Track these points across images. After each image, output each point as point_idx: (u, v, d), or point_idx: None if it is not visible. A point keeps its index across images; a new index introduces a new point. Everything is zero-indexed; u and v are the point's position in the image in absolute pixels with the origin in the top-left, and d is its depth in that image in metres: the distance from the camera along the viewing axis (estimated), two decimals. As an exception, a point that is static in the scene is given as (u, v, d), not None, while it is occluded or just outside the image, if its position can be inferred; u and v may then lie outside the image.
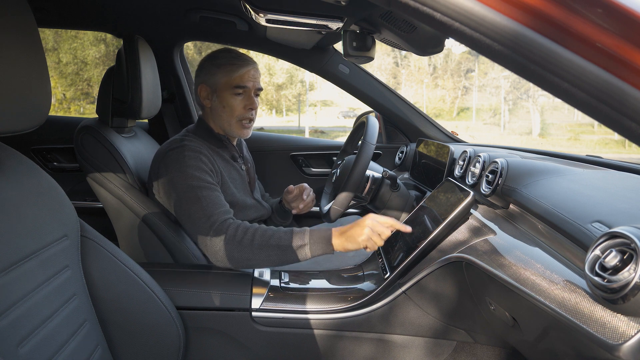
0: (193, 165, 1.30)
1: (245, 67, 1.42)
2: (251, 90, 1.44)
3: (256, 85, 1.45)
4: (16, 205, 0.77)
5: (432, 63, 28.76)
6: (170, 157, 1.33)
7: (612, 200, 0.83)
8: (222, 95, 1.43)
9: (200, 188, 1.26)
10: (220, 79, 1.42)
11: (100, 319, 0.94)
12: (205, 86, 1.44)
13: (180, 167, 1.29)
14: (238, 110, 1.43)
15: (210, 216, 1.22)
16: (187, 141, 1.36)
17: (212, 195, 1.27)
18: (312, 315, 1.17)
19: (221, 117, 1.44)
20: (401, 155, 2.04)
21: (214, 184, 1.31)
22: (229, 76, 1.41)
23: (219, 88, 1.42)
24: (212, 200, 1.25)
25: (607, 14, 0.46)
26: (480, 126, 25.58)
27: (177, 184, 1.28)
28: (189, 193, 1.26)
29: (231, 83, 1.41)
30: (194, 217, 1.23)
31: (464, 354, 1.21)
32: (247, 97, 1.44)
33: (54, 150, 2.19)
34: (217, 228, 1.19)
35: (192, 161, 1.30)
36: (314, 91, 26.62)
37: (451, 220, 1.13)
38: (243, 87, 1.42)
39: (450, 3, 0.49)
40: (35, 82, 0.74)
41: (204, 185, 1.27)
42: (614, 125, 0.47)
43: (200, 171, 1.30)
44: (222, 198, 1.30)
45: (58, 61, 18.02)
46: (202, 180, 1.28)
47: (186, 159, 1.31)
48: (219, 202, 1.27)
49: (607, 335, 0.60)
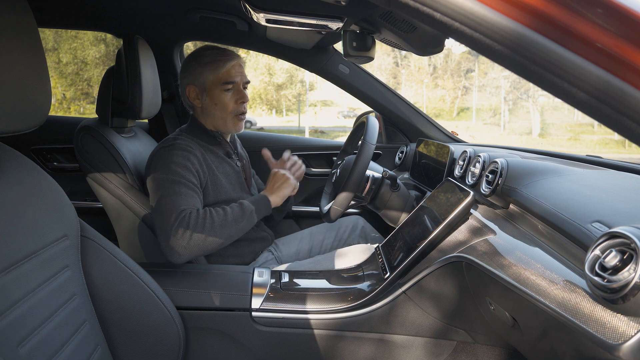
0: (179, 163, 1.31)
1: (231, 62, 1.43)
2: (240, 84, 1.45)
3: (244, 79, 1.46)
4: (16, 205, 0.77)
5: (432, 63, 28.76)
6: (160, 154, 1.35)
7: (612, 200, 0.83)
8: (212, 94, 1.43)
9: (178, 184, 1.28)
10: (208, 77, 1.42)
11: (100, 319, 0.94)
12: (194, 87, 1.45)
13: (166, 162, 1.31)
14: (231, 106, 1.44)
15: (178, 212, 1.22)
16: (179, 140, 1.38)
17: (186, 192, 1.28)
18: (312, 315, 1.17)
19: (214, 115, 1.45)
20: (401, 155, 2.04)
21: (195, 184, 1.33)
22: (215, 73, 1.42)
23: (207, 87, 1.43)
24: (185, 197, 1.27)
25: (607, 14, 0.46)
26: (480, 126, 25.58)
27: (159, 177, 1.29)
28: (167, 186, 1.27)
29: (220, 80, 1.42)
30: (163, 210, 1.23)
31: (464, 354, 1.21)
32: (237, 92, 1.45)
33: (54, 150, 2.19)
34: (180, 220, 1.21)
35: (179, 159, 1.32)
36: (314, 91, 26.63)
37: (451, 220, 1.13)
38: (232, 82, 1.43)
39: (450, 3, 0.49)
40: (35, 82, 0.74)
41: (183, 182, 1.29)
42: (614, 125, 0.47)
43: (185, 169, 1.31)
44: (198, 198, 1.32)
45: (58, 61, 18.02)
46: (182, 177, 1.30)
47: (174, 156, 1.33)
48: (191, 199, 1.28)
49: (607, 335, 0.60)
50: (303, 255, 1.64)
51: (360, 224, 1.72)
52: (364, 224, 1.73)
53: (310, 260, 1.50)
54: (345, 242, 1.67)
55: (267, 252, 1.57)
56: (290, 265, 1.48)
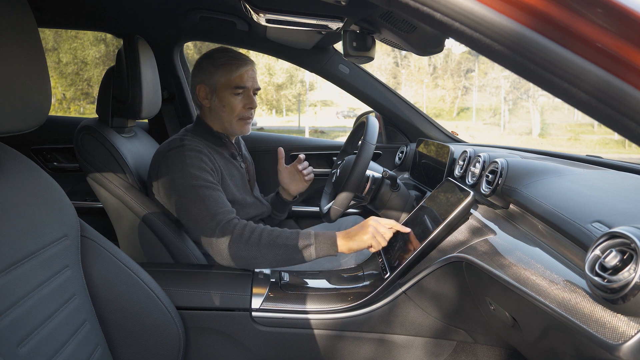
0: (194, 165, 1.30)
1: (244, 67, 1.43)
2: (250, 90, 1.45)
3: (255, 85, 1.46)
4: (16, 205, 0.77)
5: (432, 63, 28.77)
6: (171, 157, 1.33)
7: (612, 200, 0.83)
8: (221, 95, 1.43)
9: (202, 187, 1.26)
10: (220, 79, 1.42)
11: (100, 319, 0.94)
12: (204, 86, 1.45)
13: (181, 167, 1.29)
14: (238, 110, 1.44)
15: (215, 215, 1.22)
16: (187, 140, 1.37)
17: (214, 194, 1.27)
18: (312, 315, 1.17)
19: (221, 116, 1.45)
20: (401, 155, 2.04)
21: (215, 183, 1.32)
22: (228, 76, 1.42)
23: (218, 88, 1.43)
24: (215, 199, 1.26)
25: (607, 14, 0.46)
26: (480, 126, 25.59)
27: (179, 184, 1.28)
28: (191, 193, 1.26)
29: (231, 83, 1.42)
30: (197, 217, 1.23)
31: (464, 354, 1.21)
32: (246, 97, 1.45)
33: (54, 150, 2.19)
34: (223, 227, 1.20)
35: (192, 161, 1.30)
36: (314, 91, 26.64)
37: (451, 220, 1.13)
38: (243, 87, 1.42)
39: (450, 3, 0.49)
40: (35, 82, 0.74)
41: (206, 184, 1.28)
42: (614, 125, 0.47)
43: (202, 170, 1.30)
44: (224, 197, 1.30)
45: (58, 61, 18.02)
46: (203, 180, 1.28)
47: (187, 158, 1.31)
48: (222, 201, 1.27)
49: (607, 335, 0.60)
50: (303, 255, 1.63)
51: (360, 224, 1.71)
52: (364, 224, 1.72)
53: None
54: (345, 242, 1.66)
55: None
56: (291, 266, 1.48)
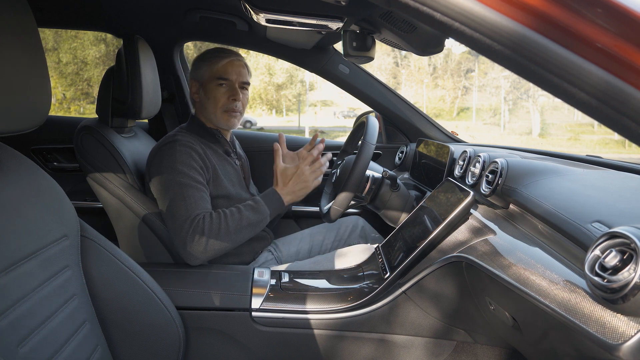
0: (183, 162, 1.33)
1: (227, 58, 1.47)
2: (235, 82, 1.48)
3: (240, 79, 1.49)
4: (16, 205, 0.77)
5: (432, 63, 28.77)
6: (162, 152, 1.36)
7: (612, 200, 0.83)
8: (207, 88, 1.48)
9: (187, 186, 1.29)
10: (205, 72, 1.48)
11: (100, 319, 0.94)
12: (194, 81, 1.51)
13: (171, 162, 1.33)
14: (222, 101, 1.47)
15: (192, 217, 1.25)
16: (179, 136, 1.40)
17: (196, 195, 1.30)
18: (312, 315, 1.17)
19: (207, 108, 1.49)
20: (401, 155, 2.04)
21: (202, 183, 1.34)
22: (211, 68, 1.47)
23: (204, 81, 1.48)
24: (196, 200, 1.29)
25: (607, 14, 0.46)
26: (480, 126, 25.58)
27: (166, 178, 1.31)
28: (176, 189, 1.29)
29: (214, 74, 1.46)
30: (176, 215, 1.26)
31: (464, 354, 1.21)
32: (230, 89, 1.48)
33: (54, 150, 2.19)
34: (195, 226, 1.24)
35: (182, 157, 1.33)
36: (314, 91, 26.64)
37: (451, 220, 1.13)
38: (225, 78, 1.46)
39: (450, 3, 0.49)
40: (35, 82, 0.74)
41: (192, 184, 1.30)
42: (614, 126, 0.47)
43: (190, 168, 1.33)
44: (207, 198, 1.33)
45: (58, 61, 18.03)
46: (190, 178, 1.31)
47: (177, 153, 1.34)
48: (202, 202, 1.30)
49: (607, 335, 0.60)
50: (303, 255, 1.64)
51: (360, 224, 1.72)
52: (364, 224, 1.73)
53: (310, 260, 1.50)
54: (345, 242, 1.67)
55: (267, 252, 1.57)
56: (290, 265, 1.48)
